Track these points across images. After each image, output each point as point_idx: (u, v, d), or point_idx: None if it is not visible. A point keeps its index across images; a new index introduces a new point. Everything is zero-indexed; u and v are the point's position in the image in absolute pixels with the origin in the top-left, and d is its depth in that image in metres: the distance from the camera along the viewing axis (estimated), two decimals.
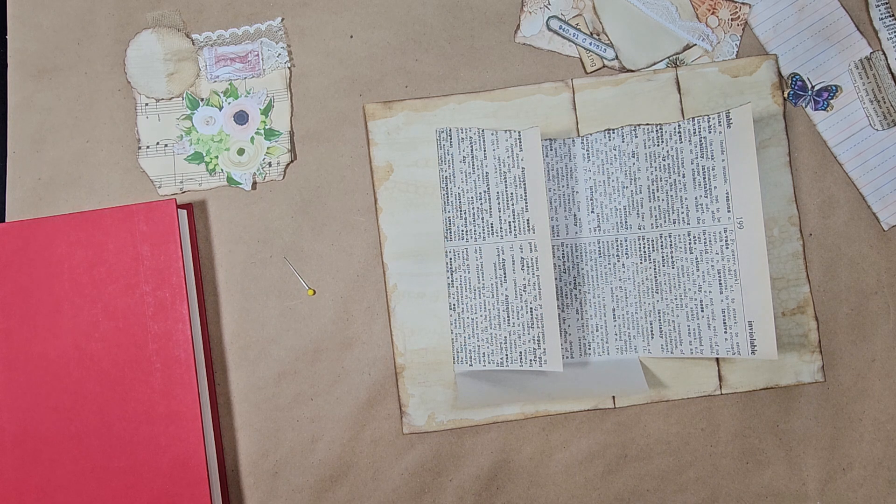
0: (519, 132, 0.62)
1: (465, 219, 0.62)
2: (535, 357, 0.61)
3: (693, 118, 0.61)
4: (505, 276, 0.61)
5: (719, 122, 0.61)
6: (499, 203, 0.62)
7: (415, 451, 0.62)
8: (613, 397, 0.62)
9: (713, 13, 0.64)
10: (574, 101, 0.63)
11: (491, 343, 0.61)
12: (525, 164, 0.61)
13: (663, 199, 0.61)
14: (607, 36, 0.64)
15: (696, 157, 0.61)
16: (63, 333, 0.59)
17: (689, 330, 0.61)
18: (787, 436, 0.62)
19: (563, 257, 0.62)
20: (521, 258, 0.62)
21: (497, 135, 0.62)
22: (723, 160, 0.61)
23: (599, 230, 0.62)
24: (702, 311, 0.61)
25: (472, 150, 0.62)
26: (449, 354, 0.63)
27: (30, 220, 0.60)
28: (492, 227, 0.62)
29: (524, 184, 0.62)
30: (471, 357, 0.62)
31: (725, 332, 0.59)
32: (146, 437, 0.58)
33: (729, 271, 0.59)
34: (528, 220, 0.61)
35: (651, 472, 0.62)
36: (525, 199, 0.62)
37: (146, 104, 0.64)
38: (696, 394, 0.62)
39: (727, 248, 0.60)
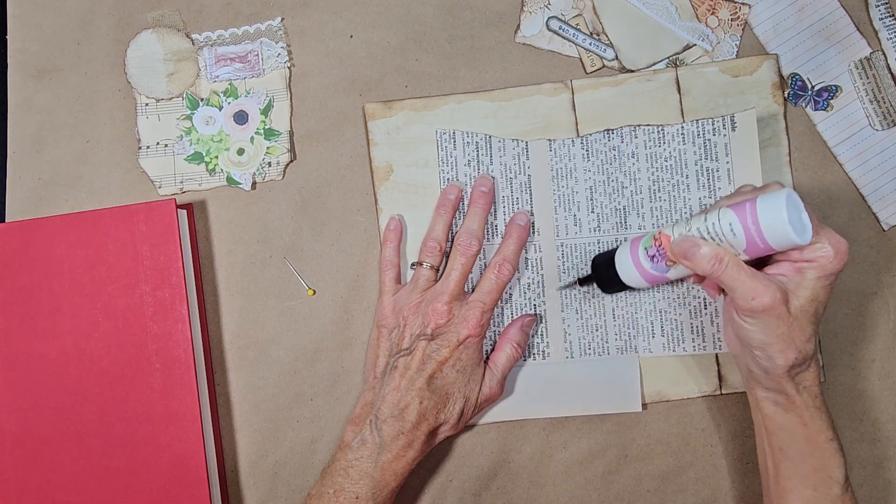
0: (526, 143, 0.62)
1: None
2: (538, 351, 0.61)
3: (696, 121, 0.61)
4: None
5: (724, 125, 0.61)
6: (504, 207, 0.62)
7: None
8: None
9: (713, 13, 0.64)
10: (574, 101, 0.63)
11: (493, 340, 0.61)
12: (532, 171, 0.62)
13: (665, 200, 0.61)
14: (607, 36, 0.64)
15: (700, 159, 0.61)
16: (63, 333, 0.59)
17: (692, 328, 0.61)
18: None
19: (563, 257, 0.62)
20: (526, 258, 0.62)
21: (504, 143, 0.62)
22: (727, 162, 0.61)
23: (599, 230, 0.62)
24: (705, 308, 0.61)
25: (477, 155, 0.62)
26: None
27: (30, 220, 0.60)
28: (496, 228, 0.62)
29: (530, 189, 0.62)
30: None
31: None
32: (146, 437, 0.58)
33: None
34: (532, 223, 0.61)
35: (651, 472, 0.62)
36: (531, 205, 0.62)
37: (146, 104, 0.64)
38: (696, 394, 0.62)
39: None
